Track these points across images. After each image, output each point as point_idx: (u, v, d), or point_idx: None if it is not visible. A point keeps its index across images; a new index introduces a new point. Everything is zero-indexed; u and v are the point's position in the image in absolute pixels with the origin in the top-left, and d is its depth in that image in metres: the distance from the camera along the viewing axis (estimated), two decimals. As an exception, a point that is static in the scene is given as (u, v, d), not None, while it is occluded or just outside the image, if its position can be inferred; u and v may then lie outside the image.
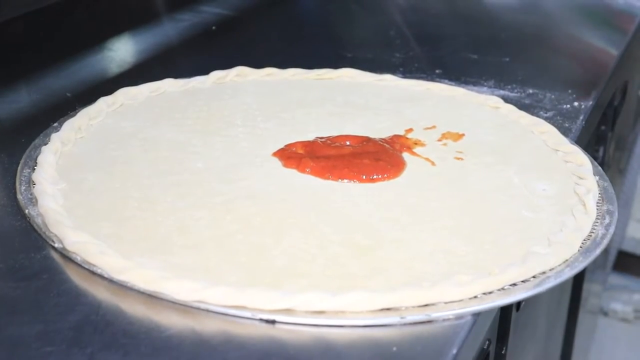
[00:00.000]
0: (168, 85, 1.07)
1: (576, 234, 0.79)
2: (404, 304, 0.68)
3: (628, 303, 2.32)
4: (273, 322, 0.66)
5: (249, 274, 0.72)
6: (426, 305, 0.68)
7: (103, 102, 1.00)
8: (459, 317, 0.68)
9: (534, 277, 0.73)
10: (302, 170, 0.88)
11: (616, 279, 2.38)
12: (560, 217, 0.83)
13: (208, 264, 0.73)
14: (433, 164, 0.93)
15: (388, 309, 0.68)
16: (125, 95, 1.03)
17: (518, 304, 0.87)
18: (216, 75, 1.11)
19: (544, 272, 0.74)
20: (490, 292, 0.71)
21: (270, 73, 1.13)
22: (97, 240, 0.74)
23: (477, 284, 0.70)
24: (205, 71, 1.11)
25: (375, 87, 1.12)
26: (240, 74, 1.12)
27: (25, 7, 1.13)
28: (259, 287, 0.69)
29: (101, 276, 0.70)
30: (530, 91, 1.14)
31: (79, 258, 0.72)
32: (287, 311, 0.67)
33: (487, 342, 0.78)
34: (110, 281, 0.70)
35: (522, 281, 0.73)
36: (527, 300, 0.75)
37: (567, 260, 0.76)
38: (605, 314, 2.28)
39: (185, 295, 0.68)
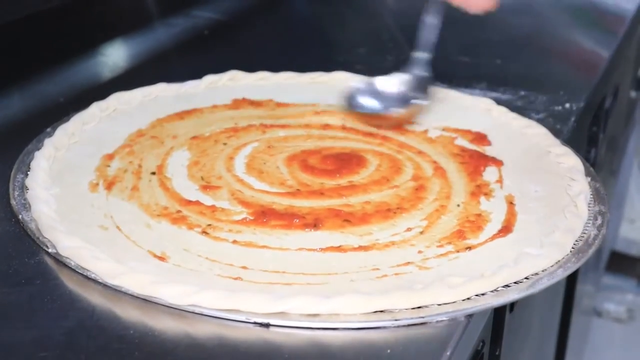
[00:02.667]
0: (161, 89, 1.07)
1: (568, 235, 0.79)
2: (397, 306, 0.68)
3: (621, 303, 2.33)
4: (267, 325, 0.66)
5: (242, 277, 0.72)
6: (419, 307, 0.69)
7: (96, 107, 1.00)
8: (452, 318, 0.68)
9: (526, 278, 0.73)
10: None
11: (609, 280, 2.38)
12: (552, 218, 0.83)
13: (201, 268, 0.73)
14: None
15: (382, 312, 0.68)
16: (118, 99, 1.03)
17: (511, 305, 0.87)
18: (209, 79, 1.11)
19: (536, 274, 0.74)
20: (483, 294, 0.71)
21: (263, 77, 1.14)
22: (90, 245, 0.74)
23: (469, 285, 0.70)
24: (198, 75, 1.11)
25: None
26: (234, 78, 1.13)
27: (17, 13, 1.13)
28: (252, 290, 0.69)
29: (95, 281, 0.70)
30: (522, 93, 1.15)
31: (72, 263, 0.72)
32: (281, 314, 0.67)
33: (481, 344, 0.78)
34: (105, 286, 0.70)
35: (515, 282, 0.73)
36: (521, 301, 0.76)
37: (559, 261, 0.76)
38: (599, 314, 2.28)
39: (179, 299, 0.68)
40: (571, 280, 1.42)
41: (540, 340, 1.27)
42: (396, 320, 0.67)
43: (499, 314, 0.85)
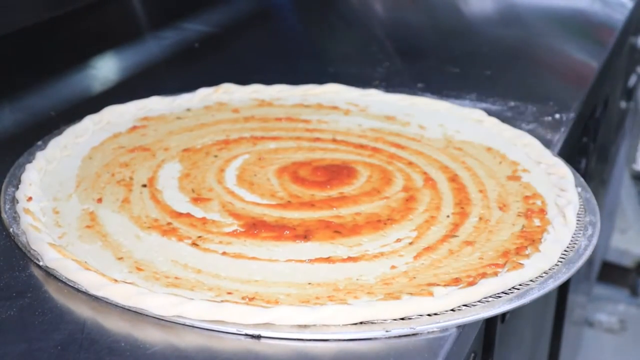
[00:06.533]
0: (155, 102, 1.07)
1: (555, 246, 0.79)
2: (384, 316, 0.68)
3: (613, 314, 2.33)
4: (259, 337, 0.66)
5: (229, 288, 0.72)
6: (410, 318, 0.69)
7: (89, 120, 1.00)
8: (443, 330, 0.68)
9: (516, 288, 0.73)
10: None
11: (601, 290, 2.38)
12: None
13: (188, 279, 0.73)
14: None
15: (373, 323, 0.68)
16: (111, 113, 1.03)
17: (503, 316, 0.87)
18: (203, 92, 1.11)
19: (527, 284, 0.74)
20: (474, 305, 0.71)
21: (256, 90, 1.14)
22: (78, 256, 0.74)
23: (456, 295, 0.71)
24: (189, 88, 1.11)
25: (360, 102, 1.12)
26: (227, 90, 1.13)
27: (7, 27, 1.13)
28: (239, 301, 0.69)
29: (85, 293, 0.70)
30: (512, 104, 1.15)
31: (63, 276, 0.72)
32: (271, 326, 0.67)
33: (472, 355, 0.78)
34: (95, 298, 0.70)
35: (506, 293, 0.73)
36: (512, 312, 0.76)
37: (546, 271, 0.76)
38: (591, 324, 2.28)
39: (165, 309, 0.68)
40: (563, 291, 1.42)
41: (532, 351, 1.27)
42: (387, 331, 0.67)
43: (490, 324, 0.85)
